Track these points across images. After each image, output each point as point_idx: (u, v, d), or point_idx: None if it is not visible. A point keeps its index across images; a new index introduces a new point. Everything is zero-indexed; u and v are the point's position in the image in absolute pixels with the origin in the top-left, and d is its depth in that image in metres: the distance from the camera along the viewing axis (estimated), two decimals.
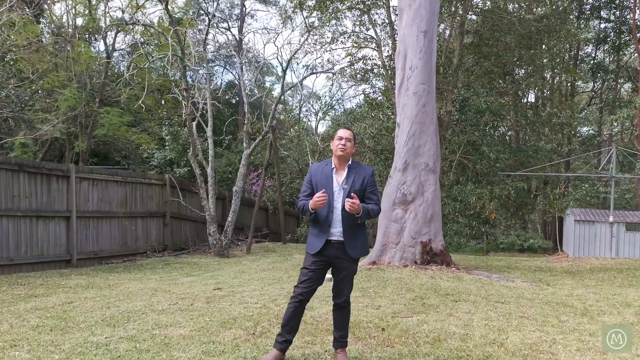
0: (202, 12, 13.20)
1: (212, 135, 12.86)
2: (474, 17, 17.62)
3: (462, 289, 7.71)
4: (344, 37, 18.40)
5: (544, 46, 16.45)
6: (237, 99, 30.31)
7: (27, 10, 14.90)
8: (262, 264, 10.75)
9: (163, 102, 18.07)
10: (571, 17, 18.60)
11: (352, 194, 3.93)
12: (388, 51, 17.68)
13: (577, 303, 6.89)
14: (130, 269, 9.93)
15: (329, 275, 8.26)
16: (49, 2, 19.74)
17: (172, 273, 9.28)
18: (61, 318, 5.35)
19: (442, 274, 8.96)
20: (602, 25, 27.22)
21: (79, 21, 21.05)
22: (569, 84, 27.08)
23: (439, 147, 10.40)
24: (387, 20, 17.46)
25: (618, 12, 26.15)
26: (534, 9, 17.62)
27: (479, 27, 15.80)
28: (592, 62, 27.67)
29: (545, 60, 18.21)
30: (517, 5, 17.68)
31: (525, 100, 25.13)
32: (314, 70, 14.36)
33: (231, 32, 23.56)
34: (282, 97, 16.23)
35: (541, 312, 6.21)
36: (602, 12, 26.54)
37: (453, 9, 17.37)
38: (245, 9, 30.52)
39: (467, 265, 10.82)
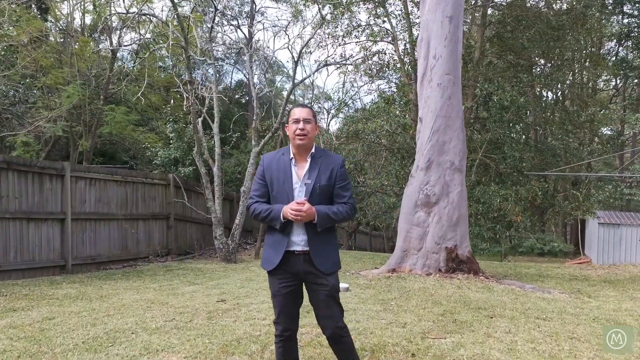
0: (212, 3, 12.38)
1: (218, 132, 12.08)
2: (495, 8, 16.73)
3: (495, 301, 6.87)
4: (358, 31, 17.61)
5: (570, 38, 15.49)
6: (247, 98, 29.63)
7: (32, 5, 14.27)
8: None
9: (172, 102, 17.37)
10: (593, 11, 17.63)
11: (298, 199, 3.05)
12: (405, 45, 16.85)
13: (630, 320, 6.04)
14: (128, 275, 9.16)
15: (344, 285, 7.49)
16: None
17: (174, 281, 8.50)
18: (35, 340, 4.58)
19: (470, 284, 8.14)
20: (625, 21, 26.24)
21: (87, 20, 20.51)
22: (590, 82, 26.08)
23: (466, 144, 9.52)
24: (403, 11, 16.63)
25: None
26: (554, 4, 16.75)
27: (503, 17, 14.88)
28: (614, 58, 26.64)
29: (570, 53, 17.28)
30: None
31: (545, 97, 24.22)
32: (328, 62, 13.49)
33: (241, 29, 22.88)
34: (293, 93, 15.43)
35: (592, 332, 5.36)
36: (624, 7, 25.57)
37: (473, 1, 16.51)
38: (256, 5, 29.84)
39: (495, 273, 9.97)
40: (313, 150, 3.22)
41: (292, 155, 3.20)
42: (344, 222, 3.59)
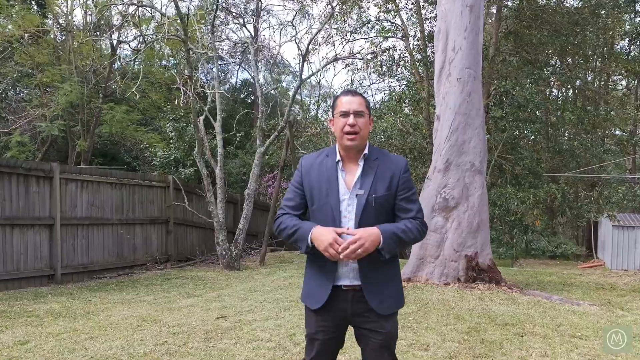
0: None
1: (221, 131, 11.41)
2: (508, 7, 16.08)
3: (522, 316, 6.22)
4: (367, 27, 16.97)
5: (590, 33, 14.81)
6: (252, 97, 29.05)
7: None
8: (278, 279, 9.29)
9: (176, 100, 16.77)
10: (606, 8, 17.00)
11: (344, 228, 2.29)
12: (417, 40, 16.20)
13: None
14: (122, 285, 8.51)
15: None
16: None
17: (171, 292, 7.85)
18: None
19: (492, 295, 7.48)
20: (638, 19, 25.58)
21: (89, 18, 19.93)
22: (604, 80, 25.41)
23: (486, 144, 8.85)
24: (415, 6, 15.99)
25: None
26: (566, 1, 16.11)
27: (520, 13, 14.20)
28: (626, 57, 25.95)
29: (589, 49, 16.60)
30: None
31: (557, 95, 23.57)
32: (337, 57, 12.86)
33: (246, 27, 22.33)
34: (299, 92, 14.79)
35: (637, 353, 4.71)
36: (637, 6, 24.90)
37: None
38: (262, 3, 29.23)
39: (516, 282, 9.29)
40: (366, 150, 2.44)
41: (339, 158, 2.43)
42: (414, 244, 2.67)
